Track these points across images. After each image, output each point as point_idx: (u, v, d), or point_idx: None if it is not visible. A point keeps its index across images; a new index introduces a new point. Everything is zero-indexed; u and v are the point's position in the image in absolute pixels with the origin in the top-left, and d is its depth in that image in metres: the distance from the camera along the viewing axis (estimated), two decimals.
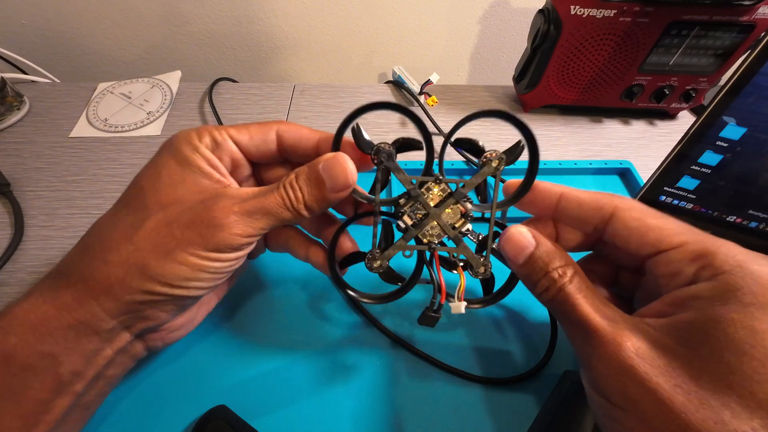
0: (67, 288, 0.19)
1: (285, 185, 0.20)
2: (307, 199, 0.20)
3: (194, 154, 0.21)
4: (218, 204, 0.19)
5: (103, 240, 0.20)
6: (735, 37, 0.38)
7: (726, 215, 0.31)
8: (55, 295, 0.19)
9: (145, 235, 0.19)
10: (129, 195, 0.21)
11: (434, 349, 0.27)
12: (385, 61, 0.69)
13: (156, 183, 0.20)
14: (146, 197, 0.20)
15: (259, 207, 0.20)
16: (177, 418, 0.24)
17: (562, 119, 0.46)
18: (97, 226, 0.21)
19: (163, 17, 0.61)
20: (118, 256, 0.19)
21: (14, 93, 0.43)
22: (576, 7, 0.36)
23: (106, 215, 0.21)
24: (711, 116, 0.28)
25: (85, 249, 0.20)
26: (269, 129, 0.22)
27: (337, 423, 0.24)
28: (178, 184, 0.20)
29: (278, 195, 0.20)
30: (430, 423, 0.24)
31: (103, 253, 0.19)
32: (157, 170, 0.21)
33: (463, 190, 0.21)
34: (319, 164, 0.20)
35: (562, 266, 0.19)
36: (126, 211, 0.20)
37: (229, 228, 0.19)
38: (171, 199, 0.20)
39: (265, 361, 0.26)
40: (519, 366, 0.27)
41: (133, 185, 0.21)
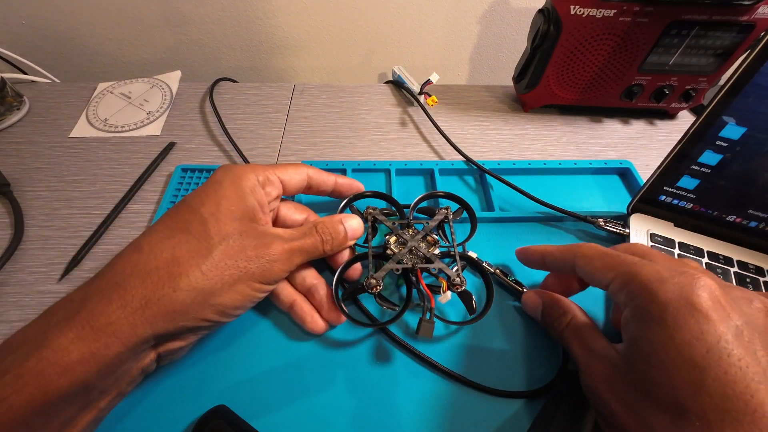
0: (122, 310, 0.18)
1: (321, 232, 0.26)
2: (334, 243, 0.26)
3: (253, 192, 0.24)
4: (275, 242, 0.23)
5: (169, 265, 0.20)
6: (735, 36, 0.38)
7: (726, 215, 0.31)
8: (107, 321, 0.18)
9: (213, 264, 0.21)
10: (187, 221, 0.22)
11: (435, 350, 0.27)
12: (385, 61, 0.69)
13: (217, 213, 0.22)
14: (208, 226, 0.22)
15: (299, 247, 0.24)
16: (177, 418, 0.24)
17: (562, 119, 0.46)
18: (147, 248, 0.21)
19: (163, 17, 0.61)
20: (188, 283, 0.20)
21: (14, 93, 0.43)
22: (576, 6, 0.37)
23: (156, 237, 0.21)
24: (711, 116, 0.28)
25: (147, 273, 0.20)
26: (303, 171, 0.29)
27: (337, 423, 0.24)
28: (236, 218, 0.23)
29: (316, 238, 0.25)
30: (430, 423, 0.24)
31: (172, 280, 0.20)
32: (218, 201, 0.23)
33: (428, 227, 0.30)
34: (345, 222, 0.27)
35: (561, 315, 0.25)
36: (186, 237, 0.21)
37: (280, 264, 0.23)
38: (230, 231, 0.22)
39: (265, 361, 0.26)
40: (521, 374, 0.27)
41: (190, 211, 0.22)
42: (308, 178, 0.29)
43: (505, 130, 0.45)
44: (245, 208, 0.23)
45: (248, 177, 0.24)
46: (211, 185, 0.24)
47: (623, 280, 0.20)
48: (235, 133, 0.42)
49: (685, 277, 0.18)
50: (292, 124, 0.45)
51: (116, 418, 0.24)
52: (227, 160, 0.40)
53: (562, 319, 0.24)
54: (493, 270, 0.30)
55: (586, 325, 0.23)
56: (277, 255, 0.23)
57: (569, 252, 0.24)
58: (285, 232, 0.25)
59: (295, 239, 0.24)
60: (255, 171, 0.25)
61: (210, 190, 0.23)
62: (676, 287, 0.18)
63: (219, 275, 0.21)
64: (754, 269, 0.30)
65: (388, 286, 0.30)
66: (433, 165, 0.38)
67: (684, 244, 0.31)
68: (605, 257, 0.22)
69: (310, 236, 0.25)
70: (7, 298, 0.30)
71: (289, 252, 0.24)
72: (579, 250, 0.24)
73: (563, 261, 0.25)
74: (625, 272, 0.20)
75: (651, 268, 0.20)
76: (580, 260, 0.23)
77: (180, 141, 0.42)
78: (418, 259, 0.28)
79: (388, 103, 0.48)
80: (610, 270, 0.21)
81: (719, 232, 0.31)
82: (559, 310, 0.25)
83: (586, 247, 0.24)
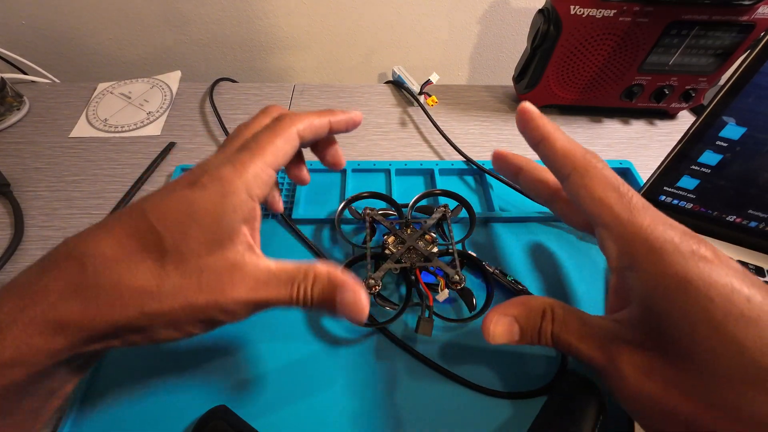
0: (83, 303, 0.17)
1: (299, 291, 0.20)
2: (312, 306, 0.20)
3: (236, 211, 0.19)
4: (236, 286, 0.19)
5: (111, 296, 0.17)
6: (735, 36, 0.38)
7: (726, 215, 0.31)
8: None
9: (159, 306, 0.17)
10: (144, 241, 0.18)
11: (435, 350, 0.27)
12: (385, 61, 0.69)
13: (182, 244, 0.18)
14: (166, 259, 0.18)
15: (267, 300, 0.19)
16: (177, 418, 0.24)
17: (562, 119, 0.46)
18: (92, 269, 0.17)
19: (163, 17, 0.61)
20: (124, 322, 0.17)
21: (14, 93, 0.43)
22: (576, 7, 0.37)
23: (107, 254, 0.17)
24: (711, 116, 0.28)
25: (88, 298, 0.17)
26: (293, 137, 0.22)
27: (337, 423, 0.24)
28: (205, 247, 0.18)
29: (294, 296, 0.20)
30: (430, 424, 0.24)
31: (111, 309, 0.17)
32: (186, 227, 0.18)
33: (426, 226, 0.30)
34: (338, 297, 0.20)
35: (541, 321, 0.20)
36: (139, 267, 0.18)
37: (231, 316, 0.19)
38: (192, 267, 0.18)
39: (265, 361, 0.26)
40: (521, 373, 0.27)
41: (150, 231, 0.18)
42: (300, 139, 0.23)
43: (505, 130, 0.45)
44: (220, 233, 0.19)
45: (235, 194, 0.19)
46: (183, 197, 0.19)
47: (622, 231, 0.18)
48: None
49: (688, 236, 0.17)
50: None
51: (116, 418, 0.24)
52: None
53: (545, 322, 0.20)
54: (492, 270, 0.30)
55: (572, 314, 0.20)
56: (232, 303, 0.18)
57: (572, 158, 0.20)
58: (259, 268, 0.19)
59: (268, 285, 0.19)
60: (243, 177, 0.19)
61: (181, 206, 0.18)
62: (686, 247, 0.17)
63: (162, 320, 0.18)
64: (754, 269, 0.30)
65: (387, 286, 0.30)
66: (433, 165, 0.38)
67: None
68: (610, 191, 0.19)
69: (289, 289, 0.19)
70: None
71: (252, 305, 0.19)
72: (584, 165, 0.20)
73: (561, 164, 0.21)
74: (626, 220, 0.18)
75: (654, 222, 0.18)
76: (580, 178, 0.19)
77: (180, 141, 0.42)
78: (417, 258, 0.28)
79: (388, 103, 0.48)
80: (609, 210, 0.19)
81: (719, 232, 0.31)
82: (538, 315, 0.21)
83: (594, 164, 0.20)
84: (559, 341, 0.20)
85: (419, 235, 0.29)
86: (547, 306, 0.21)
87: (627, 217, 0.18)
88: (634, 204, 0.18)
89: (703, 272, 0.16)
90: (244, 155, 0.20)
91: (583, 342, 0.19)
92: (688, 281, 0.16)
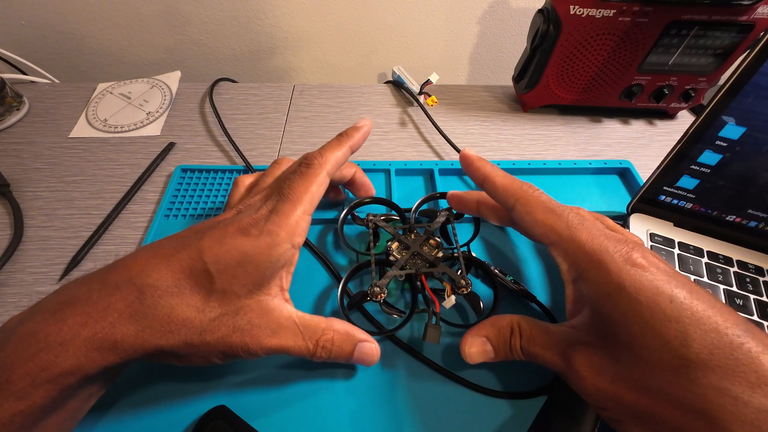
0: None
1: (323, 347, 0.22)
2: (331, 356, 0.23)
3: (279, 260, 0.21)
4: (263, 335, 0.21)
5: (163, 324, 0.20)
6: (734, 36, 0.38)
7: (725, 214, 0.31)
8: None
9: (199, 342, 0.20)
10: (196, 279, 0.20)
11: (434, 351, 0.27)
12: (384, 61, 0.69)
13: (229, 286, 0.21)
14: (212, 297, 0.20)
15: (285, 348, 0.22)
16: (177, 418, 0.24)
17: (562, 119, 0.46)
18: (150, 300, 0.19)
19: (162, 17, 0.61)
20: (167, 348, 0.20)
21: (14, 93, 0.43)
22: (575, 6, 0.37)
23: (163, 285, 0.20)
24: (710, 116, 0.28)
25: (144, 324, 0.19)
26: (325, 182, 0.24)
27: (337, 423, 0.24)
28: (247, 290, 0.21)
29: (306, 347, 0.22)
30: (430, 424, 0.24)
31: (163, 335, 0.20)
32: (234, 270, 0.20)
33: (429, 230, 0.29)
34: (356, 351, 0.23)
35: (509, 335, 0.23)
36: (189, 301, 0.20)
37: (252, 354, 0.21)
38: (231, 308, 0.21)
39: (265, 361, 0.26)
40: (521, 373, 0.27)
41: (204, 272, 0.20)
42: (330, 177, 0.25)
43: (505, 130, 0.45)
44: (261, 280, 0.21)
45: (280, 246, 0.21)
46: (237, 244, 0.21)
47: (566, 248, 0.21)
48: (235, 134, 0.42)
49: (619, 243, 0.20)
50: (291, 125, 0.45)
51: (116, 418, 0.24)
52: (227, 161, 0.40)
53: (514, 338, 0.23)
54: (493, 270, 0.30)
55: (536, 326, 0.22)
56: (256, 347, 0.21)
57: (511, 191, 0.23)
58: (285, 316, 0.22)
59: (288, 334, 0.22)
60: (287, 229, 0.21)
61: (234, 254, 0.20)
62: (620, 254, 0.19)
63: (198, 350, 0.20)
64: (754, 269, 0.30)
65: (392, 293, 0.30)
66: (432, 165, 0.38)
67: (684, 244, 0.31)
68: (548, 214, 0.21)
69: (307, 341, 0.22)
70: (6, 299, 0.30)
71: (272, 350, 0.21)
72: (522, 195, 0.23)
73: (503, 197, 0.24)
74: (567, 238, 0.21)
75: (590, 235, 0.20)
76: (522, 207, 0.22)
77: (180, 141, 0.42)
78: (422, 264, 0.28)
79: (388, 104, 0.48)
80: (551, 231, 0.21)
81: (719, 232, 0.31)
82: (507, 331, 0.23)
83: (530, 193, 0.23)
84: (528, 353, 0.22)
85: (423, 240, 0.29)
86: (514, 322, 0.23)
87: (567, 235, 0.21)
88: (571, 221, 0.21)
89: (634, 278, 0.18)
90: (286, 206, 0.22)
91: (547, 350, 0.21)
92: (622, 287, 0.18)
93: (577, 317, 0.21)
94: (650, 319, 0.17)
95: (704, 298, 0.18)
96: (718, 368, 0.16)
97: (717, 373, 0.16)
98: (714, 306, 0.17)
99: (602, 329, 0.20)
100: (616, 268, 0.19)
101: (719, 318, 0.17)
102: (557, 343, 0.21)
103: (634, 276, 0.18)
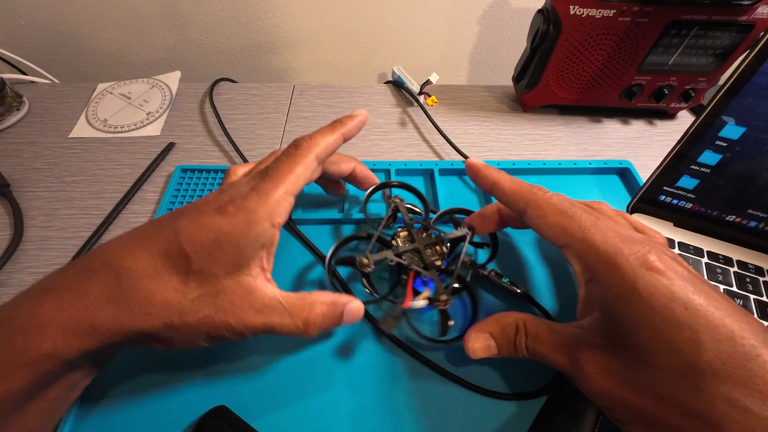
0: None
1: (310, 323, 0.22)
2: (322, 328, 0.23)
3: (258, 239, 0.21)
4: (248, 312, 0.21)
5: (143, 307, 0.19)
6: (734, 36, 0.38)
7: (725, 214, 0.31)
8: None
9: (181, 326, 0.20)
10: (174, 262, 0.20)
11: (436, 353, 0.27)
12: (384, 61, 0.69)
13: (208, 267, 0.20)
14: (189, 280, 0.20)
15: (272, 326, 0.21)
16: (177, 418, 0.24)
17: (562, 119, 0.46)
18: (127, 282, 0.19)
19: (162, 17, 0.61)
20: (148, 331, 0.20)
21: (13, 93, 0.43)
22: (575, 7, 0.37)
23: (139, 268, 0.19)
24: (710, 116, 0.28)
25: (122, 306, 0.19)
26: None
27: (337, 423, 0.24)
28: (226, 271, 0.21)
29: (294, 324, 0.22)
30: (430, 424, 0.24)
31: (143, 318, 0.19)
32: (212, 250, 0.20)
33: (440, 237, 0.29)
34: (344, 313, 0.24)
35: (515, 334, 0.22)
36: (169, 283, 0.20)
37: (240, 334, 0.21)
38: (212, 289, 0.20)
39: (265, 361, 0.26)
40: (520, 373, 0.27)
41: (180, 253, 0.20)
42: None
43: (505, 130, 0.45)
44: (240, 259, 0.21)
45: (258, 224, 0.21)
46: (212, 223, 0.20)
47: (579, 249, 0.20)
48: (235, 134, 0.42)
49: (636, 244, 0.19)
50: (292, 125, 0.45)
51: (116, 418, 0.24)
52: (227, 161, 0.40)
53: (519, 337, 0.22)
54: (488, 273, 0.29)
55: (542, 326, 0.22)
56: (241, 326, 0.21)
57: (520, 195, 0.23)
58: (268, 296, 0.22)
59: (273, 313, 0.21)
60: (266, 207, 0.21)
61: (209, 233, 0.20)
62: (635, 257, 0.19)
63: (179, 332, 0.20)
64: (754, 269, 0.30)
65: (377, 277, 0.30)
66: (432, 165, 0.38)
67: (684, 243, 0.31)
68: (560, 216, 0.21)
69: (295, 321, 0.22)
70: (6, 299, 0.30)
71: (258, 329, 0.21)
72: (532, 198, 0.22)
73: (513, 202, 0.24)
74: (580, 239, 0.20)
75: (604, 237, 0.20)
76: (532, 211, 0.22)
77: (180, 141, 0.42)
78: (418, 261, 0.28)
79: (388, 104, 0.48)
80: (563, 233, 0.21)
81: (719, 232, 0.31)
82: (511, 330, 0.23)
83: (540, 195, 0.22)
84: (533, 352, 0.22)
85: (430, 244, 0.28)
86: (519, 321, 0.23)
87: (580, 236, 0.20)
88: (583, 223, 0.21)
89: (648, 281, 0.18)
90: (268, 184, 0.21)
91: (554, 350, 0.21)
92: (635, 290, 0.18)
93: (587, 318, 0.21)
94: (661, 324, 0.17)
95: (723, 305, 0.17)
96: (729, 378, 0.16)
97: (728, 382, 0.16)
98: (732, 314, 0.17)
99: (612, 331, 0.19)
100: (629, 271, 0.18)
101: (736, 327, 0.16)
102: (564, 343, 0.21)
103: (649, 280, 0.18)
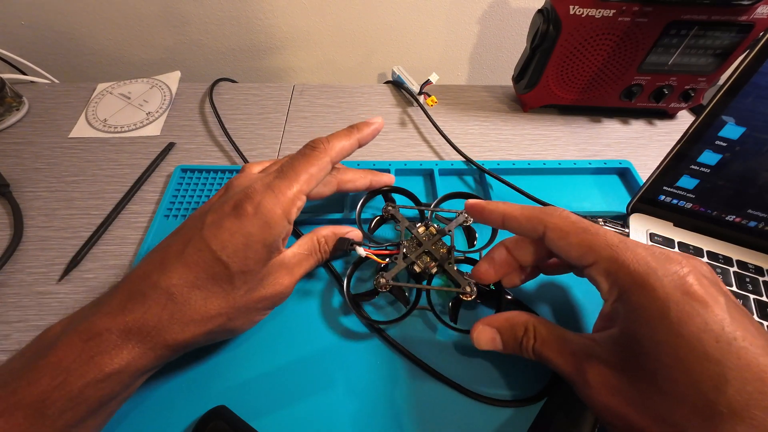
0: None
1: (321, 251, 0.28)
2: (330, 244, 0.29)
3: (278, 234, 0.23)
4: (283, 278, 0.25)
5: (204, 319, 0.22)
6: (734, 36, 0.38)
7: (725, 214, 0.31)
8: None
9: (240, 321, 0.24)
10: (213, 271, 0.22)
11: (433, 353, 0.27)
12: (384, 61, 0.69)
13: (244, 267, 0.22)
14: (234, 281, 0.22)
15: (303, 272, 0.27)
16: (177, 418, 0.24)
17: (562, 119, 0.46)
18: (181, 298, 0.21)
19: (162, 17, 0.61)
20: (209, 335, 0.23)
21: (13, 93, 0.43)
22: (575, 7, 0.37)
23: (185, 282, 0.21)
24: (710, 116, 0.28)
25: (184, 324, 0.21)
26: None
27: (337, 423, 0.24)
28: (258, 263, 0.23)
29: (318, 257, 0.28)
30: (430, 426, 0.24)
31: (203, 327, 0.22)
32: (244, 251, 0.22)
33: (444, 230, 0.30)
34: (342, 234, 0.29)
35: (523, 334, 0.22)
36: (214, 290, 0.22)
37: (285, 295, 0.26)
38: (252, 282, 0.23)
39: (265, 361, 0.26)
40: (520, 375, 0.27)
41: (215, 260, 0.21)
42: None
43: (505, 130, 0.45)
44: (268, 253, 0.23)
45: (278, 224, 0.22)
46: (235, 227, 0.21)
47: (607, 267, 0.19)
48: (235, 134, 0.42)
49: (674, 264, 0.18)
50: (291, 125, 0.45)
51: (116, 418, 0.24)
52: (227, 161, 0.40)
53: (526, 338, 0.22)
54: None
55: (553, 332, 0.22)
56: (285, 289, 0.25)
57: (537, 219, 0.22)
58: (290, 257, 0.26)
59: (300, 265, 0.26)
60: (282, 207, 0.22)
61: (237, 237, 0.21)
62: (670, 279, 0.17)
63: (239, 325, 0.24)
64: (754, 269, 0.30)
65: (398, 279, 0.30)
66: (432, 165, 0.38)
67: (683, 243, 0.31)
68: (583, 234, 0.20)
69: (314, 256, 0.28)
70: (6, 299, 0.30)
71: (296, 281, 0.26)
72: (550, 220, 0.21)
73: (530, 228, 0.22)
74: (608, 257, 0.19)
75: (635, 255, 0.19)
76: (552, 233, 0.21)
77: (180, 141, 0.42)
78: (431, 260, 0.28)
79: (388, 104, 0.48)
80: (589, 251, 0.20)
81: (719, 232, 0.31)
82: (519, 330, 0.22)
83: (557, 216, 0.21)
84: (539, 355, 0.22)
85: (436, 240, 0.29)
86: (529, 323, 0.22)
87: (608, 254, 0.19)
88: (610, 240, 0.19)
89: (682, 309, 0.17)
90: (283, 183, 0.23)
91: (561, 357, 0.21)
92: (665, 316, 0.17)
93: (603, 333, 0.20)
94: (687, 354, 0.16)
95: (759, 342, 0.16)
96: (750, 420, 0.15)
97: (747, 424, 0.15)
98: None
99: (627, 351, 0.18)
100: (662, 294, 0.17)
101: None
102: (573, 352, 0.20)
103: (683, 307, 0.17)
